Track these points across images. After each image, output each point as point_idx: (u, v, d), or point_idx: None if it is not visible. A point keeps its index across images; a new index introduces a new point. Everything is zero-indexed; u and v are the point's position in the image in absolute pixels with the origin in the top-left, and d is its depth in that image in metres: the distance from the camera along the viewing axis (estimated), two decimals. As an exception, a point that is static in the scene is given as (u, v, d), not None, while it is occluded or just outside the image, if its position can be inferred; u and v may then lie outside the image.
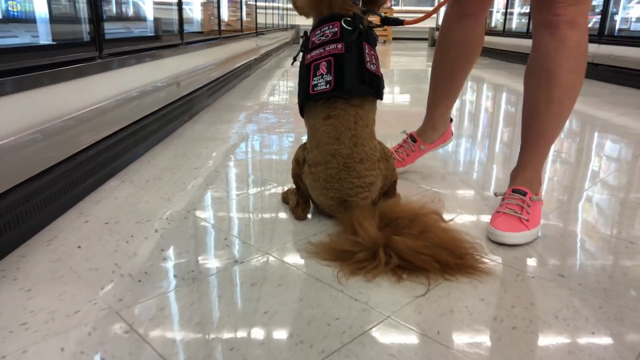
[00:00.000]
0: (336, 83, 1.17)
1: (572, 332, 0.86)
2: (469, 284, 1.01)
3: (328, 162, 1.20)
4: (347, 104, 1.19)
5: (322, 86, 1.18)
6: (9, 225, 1.09)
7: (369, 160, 1.21)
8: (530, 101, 1.27)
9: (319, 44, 1.23)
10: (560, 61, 1.19)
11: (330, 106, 1.20)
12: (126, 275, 1.02)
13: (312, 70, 1.21)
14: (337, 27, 1.22)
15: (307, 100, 1.23)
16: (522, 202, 1.24)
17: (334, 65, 1.19)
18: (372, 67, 1.22)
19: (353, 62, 1.19)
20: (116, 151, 1.65)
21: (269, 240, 1.19)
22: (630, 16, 4.58)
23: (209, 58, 3.06)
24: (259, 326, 0.86)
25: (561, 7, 1.15)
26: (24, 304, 0.91)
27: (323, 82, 1.19)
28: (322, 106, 1.21)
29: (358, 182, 1.20)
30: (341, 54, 1.19)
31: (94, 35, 1.58)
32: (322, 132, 1.20)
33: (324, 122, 1.20)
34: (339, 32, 1.21)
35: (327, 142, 1.20)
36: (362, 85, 1.19)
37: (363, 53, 1.21)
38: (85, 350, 0.79)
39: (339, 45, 1.20)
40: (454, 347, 0.81)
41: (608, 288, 1.00)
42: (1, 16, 1.30)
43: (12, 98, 1.13)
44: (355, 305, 0.93)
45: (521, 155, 1.32)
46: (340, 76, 1.18)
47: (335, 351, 0.80)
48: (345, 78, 1.17)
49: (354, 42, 1.20)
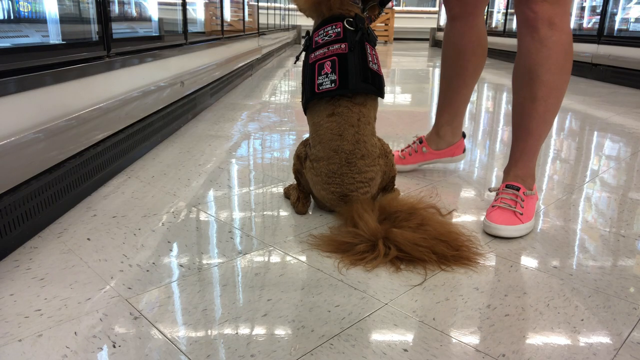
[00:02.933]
0: (341, 82, 1.22)
1: (562, 319, 0.90)
2: (464, 274, 1.05)
3: (330, 158, 1.24)
4: (351, 102, 1.24)
5: (328, 85, 1.23)
6: (22, 218, 1.13)
7: (369, 156, 1.25)
8: (517, 100, 1.32)
9: (323, 44, 1.27)
10: (540, 61, 1.22)
11: (335, 104, 1.24)
12: (134, 266, 1.06)
13: (317, 70, 1.26)
14: (340, 27, 1.26)
15: (312, 98, 1.27)
16: (515, 197, 1.28)
17: (338, 64, 1.23)
18: (374, 67, 1.27)
19: (356, 62, 1.24)
20: (122, 148, 1.69)
21: (271, 233, 1.23)
22: (629, 16, 4.61)
23: (212, 58, 3.10)
24: (262, 313, 0.90)
25: (538, 4, 1.18)
26: (37, 291, 0.95)
27: (328, 81, 1.23)
28: (327, 104, 1.25)
29: (359, 177, 1.24)
30: (345, 54, 1.23)
31: (102, 35, 1.62)
32: (326, 128, 1.24)
33: (327, 119, 1.24)
34: (342, 33, 1.25)
35: (331, 138, 1.24)
36: (365, 84, 1.24)
37: (366, 53, 1.26)
38: (97, 334, 0.83)
39: (343, 45, 1.24)
40: (448, 332, 0.85)
41: (598, 278, 1.04)
42: (12, 16, 1.34)
43: (22, 96, 1.17)
44: (355, 293, 0.97)
45: (512, 152, 1.36)
46: (344, 75, 1.22)
47: (335, 336, 0.84)
48: (350, 77, 1.22)
49: (357, 42, 1.24)
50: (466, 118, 2.84)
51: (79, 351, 0.79)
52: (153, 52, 2.06)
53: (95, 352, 0.79)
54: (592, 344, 0.83)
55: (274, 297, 0.95)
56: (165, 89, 2.16)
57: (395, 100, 3.55)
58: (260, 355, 0.78)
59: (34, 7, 1.40)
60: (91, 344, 0.80)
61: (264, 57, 5.47)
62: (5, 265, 1.05)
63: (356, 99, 1.24)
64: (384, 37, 11.07)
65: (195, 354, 0.79)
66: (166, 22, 2.48)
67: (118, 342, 0.81)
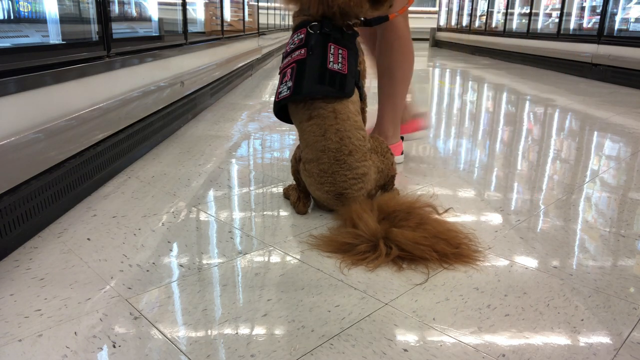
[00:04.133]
0: (295, 88, 1.24)
1: (562, 319, 0.90)
2: (464, 273, 1.05)
3: (319, 158, 1.25)
4: (324, 102, 1.25)
5: (285, 92, 1.26)
6: (22, 218, 1.13)
7: (358, 151, 1.25)
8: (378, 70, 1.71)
9: (289, 52, 1.31)
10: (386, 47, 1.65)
11: (310, 107, 1.26)
12: (134, 266, 1.06)
13: (280, 79, 1.30)
14: (303, 33, 1.29)
15: (275, 106, 1.32)
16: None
17: (296, 71, 1.26)
18: (336, 67, 1.26)
19: (314, 65, 1.25)
20: (122, 148, 1.69)
21: (271, 233, 1.23)
22: (629, 16, 4.61)
23: (212, 58, 3.11)
24: (262, 313, 0.90)
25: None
26: (37, 291, 0.95)
27: (285, 88, 1.26)
28: (303, 108, 1.27)
29: (350, 174, 1.25)
30: (303, 59, 1.26)
31: (102, 35, 1.62)
32: (309, 132, 1.26)
33: (308, 122, 1.26)
34: (304, 39, 1.28)
35: (315, 140, 1.25)
36: (321, 86, 1.24)
37: (327, 54, 1.26)
38: (97, 334, 0.83)
39: (302, 51, 1.27)
40: (448, 332, 0.85)
41: (598, 278, 1.04)
42: (12, 16, 1.34)
43: (22, 96, 1.17)
44: (355, 293, 0.97)
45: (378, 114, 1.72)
46: (299, 81, 1.24)
47: (335, 336, 0.84)
48: (305, 82, 1.24)
49: (314, 45, 1.26)
50: (466, 118, 2.84)
51: (79, 351, 0.79)
52: (153, 52, 2.06)
53: (95, 352, 0.79)
54: (592, 344, 0.83)
55: (274, 297, 0.95)
56: (165, 89, 2.16)
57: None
58: (260, 355, 0.78)
59: (34, 7, 1.40)
60: (91, 344, 0.80)
61: (264, 57, 5.47)
62: (5, 265, 1.05)
63: (327, 99, 1.25)
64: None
65: (195, 354, 0.79)
66: (166, 22, 2.48)
67: (118, 342, 0.81)
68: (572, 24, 5.63)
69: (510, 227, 1.29)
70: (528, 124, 2.69)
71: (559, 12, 5.72)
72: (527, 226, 1.30)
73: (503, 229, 1.28)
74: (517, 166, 1.87)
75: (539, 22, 6.40)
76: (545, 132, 2.51)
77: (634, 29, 4.53)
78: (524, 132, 2.47)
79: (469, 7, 9.13)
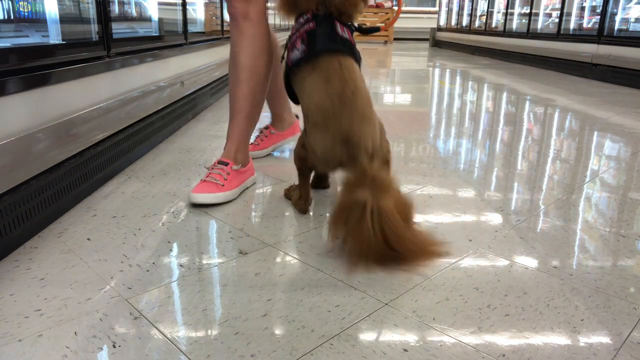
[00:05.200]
0: (309, 49, 1.25)
1: (562, 319, 0.90)
2: (464, 273, 1.05)
3: (323, 102, 1.20)
4: (328, 56, 1.24)
5: (298, 55, 1.27)
6: (22, 218, 1.13)
7: (362, 94, 1.21)
8: (230, 84, 1.58)
9: (295, 31, 1.33)
10: (240, 49, 1.52)
11: (314, 63, 1.24)
12: (135, 266, 1.06)
13: (290, 49, 1.32)
14: (308, 14, 1.31)
15: (288, 70, 1.32)
16: (222, 171, 1.44)
17: (307, 37, 1.27)
18: (345, 35, 1.29)
19: (325, 32, 1.26)
20: (122, 148, 1.69)
21: (271, 233, 1.23)
22: (629, 16, 4.61)
23: (212, 58, 3.10)
24: (263, 312, 0.90)
25: (237, 2, 1.46)
26: (37, 291, 0.95)
27: (298, 52, 1.27)
28: (306, 66, 1.26)
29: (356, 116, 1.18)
30: (313, 30, 1.27)
31: (102, 35, 1.62)
32: (311, 81, 1.24)
33: (310, 75, 1.24)
34: (311, 17, 1.30)
35: (317, 87, 1.22)
36: (334, 43, 1.25)
37: (335, 26, 1.28)
38: (97, 334, 0.83)
39: (311, 24, 1.28)
40: (448, 332, 0.85)
41: (598, 278, 1.04)
42: (12, 16, 1.34)
43: (22, 96, 1.17)
44: (355, 293, 0.97)
45: (228, 130, 1.56)
46: (312, 44, 1.25)
47: (335, 336, 0.84)
48: (317, 44, 1.25)
49: (322, 19, 1.28)
50: (466, 118, 2.84)
51: (79, 351, 0.79)
52: (153, 52, 2.06)
53: (95, 352, 0.79)
54: (592, 344, 0.83)
55: (274, 297, 0.95)
56: (165, 89, 2.16)
57: (395, 100, 3.55)
58: (260, 355, 0.79)
59: (34, 7, 1.40)
60: (91, 344, 0.80)
61: (264, 57, 5.46)
62: (5, 265, 1.05)
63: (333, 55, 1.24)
64: (384, 37, 11.07)
65: (195, 354, 0.79)
66: (166, 22, 2.48)
67: (118, 342, 0.81)
68: (572, 24, 5.63)
69: (510, 227, 1.29)
70: (528, 124, 2.69)
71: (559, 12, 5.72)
72: (527, 226, 1.30)
73: (503, 229, 1.28)
74: (517, 166, 1.87)
75: (539, 22, 6.40)
76: (545, 132, 2.51)
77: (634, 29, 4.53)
78: (524, 132, 2.47)
79: (469, 7, 9.13)
